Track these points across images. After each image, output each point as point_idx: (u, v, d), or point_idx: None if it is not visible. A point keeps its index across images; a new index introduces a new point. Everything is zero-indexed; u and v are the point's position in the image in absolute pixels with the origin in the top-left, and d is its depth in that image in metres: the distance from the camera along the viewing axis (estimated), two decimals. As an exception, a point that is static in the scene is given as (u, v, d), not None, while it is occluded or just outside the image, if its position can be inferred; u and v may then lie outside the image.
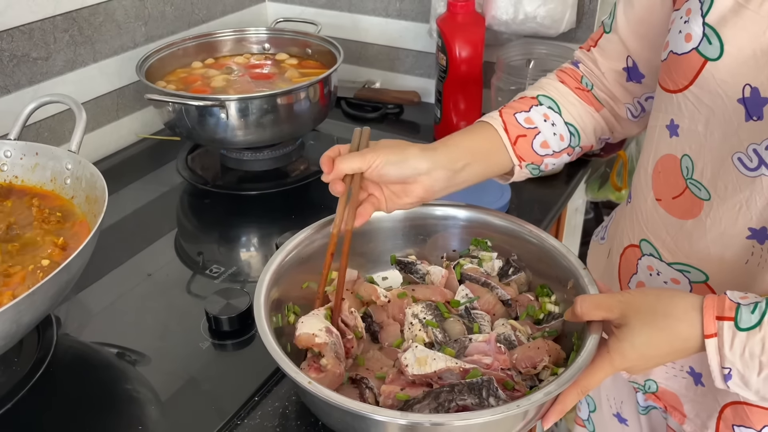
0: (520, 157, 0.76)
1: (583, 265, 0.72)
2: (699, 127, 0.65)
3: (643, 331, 0.58)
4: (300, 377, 0.58)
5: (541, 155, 0.77)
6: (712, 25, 0.60)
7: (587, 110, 0.79)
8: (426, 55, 1.41)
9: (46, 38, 1.10)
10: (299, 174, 1.18)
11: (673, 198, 0.69)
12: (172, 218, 1.09)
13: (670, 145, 0.69)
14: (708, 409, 0.72)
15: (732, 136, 0.61)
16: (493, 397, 0.61)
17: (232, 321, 0.80)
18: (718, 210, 0.65)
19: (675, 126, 0.67)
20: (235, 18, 1.45)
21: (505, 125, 0.76)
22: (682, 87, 0.65)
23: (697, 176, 0.66)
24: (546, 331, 0.73)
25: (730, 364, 0.55)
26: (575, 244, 1.57)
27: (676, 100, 0.66)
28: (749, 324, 0.54)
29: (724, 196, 0.64)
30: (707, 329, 0.56)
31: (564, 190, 1.14)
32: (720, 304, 0.56)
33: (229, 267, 0.95)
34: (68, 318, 0.86)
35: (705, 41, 0.60)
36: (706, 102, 0.63)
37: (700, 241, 0.67)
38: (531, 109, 0.77)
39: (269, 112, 1.04)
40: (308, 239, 0.76)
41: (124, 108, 1.26)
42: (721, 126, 0.62)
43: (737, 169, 0.62)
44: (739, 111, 0.60)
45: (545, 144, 0.77)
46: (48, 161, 0.85)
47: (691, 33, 0.62)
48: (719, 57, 0.60)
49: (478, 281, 0.77)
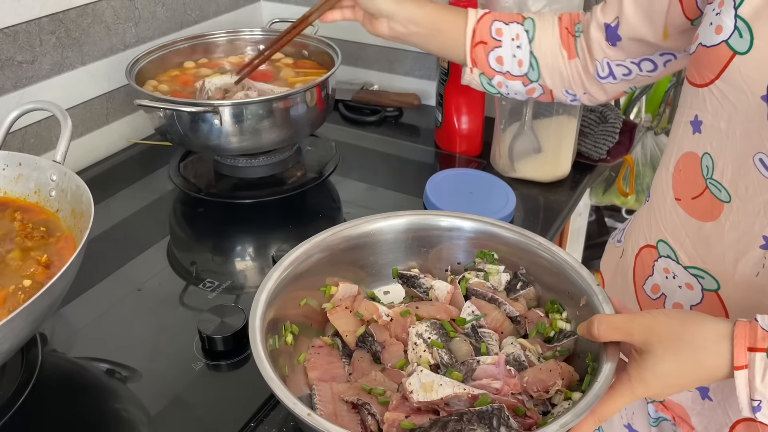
0: (473, 60, 0.83)
1: (597, 281, 0.68)
2: (721, 124, 0.62)
3: (667, 360, 0.55)
4: (299, 410, 0.54)
5: (494, 69, 0.83)
6: (745, 17, 0.58)
7: (560, 52, 0.82)
8: (426, 57, 1.37)
9: (32, 41, 1.05)
10: (296, 181, 1.14)
11: (692, 198, 0.67)
12: (164, 227, 1.05)
13: (693, 142, 0.66)
14: (718, 423, 0.69)
15: (754, 135, 0.59)
16: (504, 427, 0.57)
17: (227, 341, 0.76)
18: (738, 213, 0.62)
19: (698, 122, 0.65)
20: (228, 18, 1.41)
21: (477, 26, 0.82)
22: (709, 81, 0.63)
23: (717, 176, 0.63)
24: (557, 350, 0.69)
25: (761, 396, 0.52)
26: (578, 248, 1.54)
27: (701, 94, 0.64)
28: None
29: (744, 199, 0.61)
30: (738, 361, 0.52)
31: (570, 196, 1.11)
32: (752, 334, 0.53)
33: (224, 280, 0.91)
34: (54, 334, 0.82)
35: (736, 34, 0.59)
36: (731, 98, 0.61)
37: (717, 245, 0.65)
38: (510, 23, 0.82)
39: (265, 117, 1.00)
40: (306, 253, 0.72)
41: (114, 112, 1.22)
42: (743, 124, 0.60)
43: (758, 171, 0.59)
44: (762, 109, 0.58)
45: (500, 60, 0.82)
46: (32, 172, 0.81)
47: (722, 25, 0.60)
48: (748, 50, 0.58)
49: (485, 297, 0.74)
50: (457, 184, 1.05)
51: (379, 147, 1.28)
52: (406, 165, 1.22)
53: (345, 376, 0.68)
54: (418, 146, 1.27)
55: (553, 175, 1.12)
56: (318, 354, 0.70)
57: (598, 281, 0.68)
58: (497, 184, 1.06)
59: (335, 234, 0.74)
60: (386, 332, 0.70)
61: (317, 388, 0.64)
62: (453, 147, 1.21)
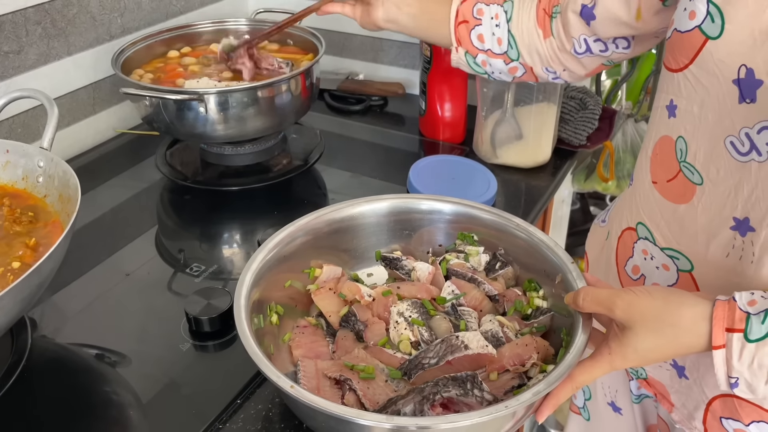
0: (458, 39, 0.87)
1: (572, 260, 0.71)
2: (694, 108, 0.64)
3: (648, 338, 0.57)
4: (282, 382, 0.56)
5: (477, 47, 0.87)
6: (716, 2, 0.59)
7: (536, 31, 0.85)
8: (410, 46, 1.38)
9: (18, 31, 1.06)
10: (282, 168, 1.15)
11: (667, 181, 0.69)
12: (152, 215, 1.07)
13: (668, 126, 0.68)
14: (694, 400, 0.71)
15: (725, 119, 0.61)
16: (477, 389, 0.60)
17: (213, 322, 0.78)
18: (710, 196, 0.64)
19: (674, 107, 0.67)
20: (214, 9, 1.42)
21: (460, 7, 0.86)
22: (683, 66, 0.64)
23: (690, 159, 0.65)
24: (534, 326, 0.71)
25: (738, 373, 0.54)
26: (562, 236, 1.57)
27: (676, 79, 0.66)
28: (759, 335, 0.53)
29: (715, 181, 0.63)
30: (716, 340, 0.54)
31: (551, 181, 1.13)
32: (730, 315, 0.55)
33: (211, 265, 0.93)
34: (44, 320, 0.84)
35: (708, 19, 0.60)
36: (703, 82, 0.62)
37: (690, 227, 0.66)
38: (490, 4, 0.86)
39: (250, 105, 1.02)
40: (290, 236, 0.74)
41: (100, 102, 1.23)
42: (715, 107, 0.62)
43: (729, 154, 0.61)
44: (733, 92, 0.59)
45: (481, 38, 0.86)
46: (19, 159, 0.82)
47: (695, 11, 0.61)
48: (720, 35, 0.59)
49: (465, 277, 0.76)
50: (440, 170, 1.07)
51: (364, 135, 1.29)
52: (390, 153, 1.24)
53: (329, 354, 0.70)
54: (403, 134, 1.29)
55: (534, 160, 1.14)
56: (303, 333, 0.72)
57: (572, 259, 0.71)
58: (479, 170, 1.08)
59: (319, 217, 0.76)
60: (368, 312, 0.72)
61: (302, 364, 0.66)
62: (437, 135, 1.23)
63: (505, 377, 0.65)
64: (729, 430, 0.68)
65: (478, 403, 0.60)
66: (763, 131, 0.58)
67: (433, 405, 0.60)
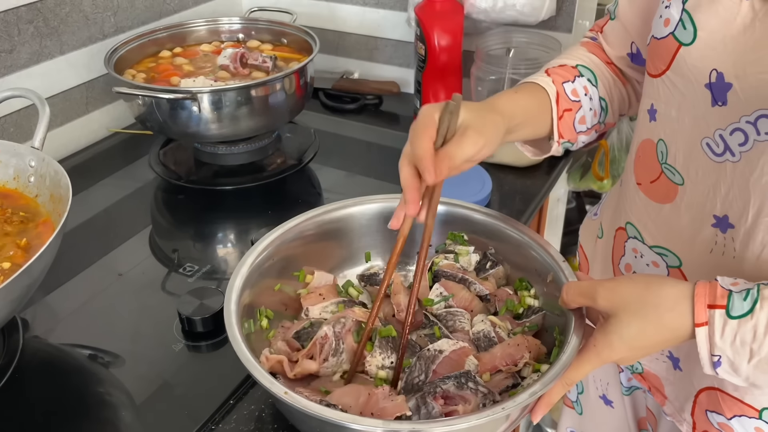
0: (560, 133, 0.75)
1: (563, 258, 0.71)
2: (672, 112, 0.66)
3: (632, 323, 0.57)
4: (276, 388, 0.56)
5: (577, 131, 0.77)
6: (689, 10, 0.61)
7: (617, 84, 0.79)
8: (405, 45, 1.38)
9: (10, 30, 1.06)
10: (276, 168, 1.15)
11: (651, 182, 0.70)
12: (145, 215, 1.06)
13: (649, 129, 0.70)
14: (685, 392, 0.72)
15: (701, 121, 0.62)
16: (472, 382, 0.60)
17: (206, 322, 0.78)
18: (691, 195, 0.65)
19: (654, 111, 0.68)
20: (208, 8, 1.42)
21: (558, 96, 0.74)
22: (661, 72, 0.66)
23: (671, 161, 0.67)
24: (526, 326, 0.71)
25: (720, 351, 0.54)
26: (557, 235, 1.57)
27: (655, 84, 0.67)
28: (741, 312, 0.53)
29: (695, 181, 0.65)
30: (698, 318, 0.55)
31: (545, 180, 1.13)
32: (711, 292, 0.55)
33: (204, 265, 0.92)
34: (36, 320, 0.84)
35: (680, 26, 0.62)
36: (679, 87, 0.64)
37: (675, 225, 0.68)
38: (575, 79, 0.76)
39: (243, 104, 1.02)
40: (280, 239, 0.73)
41: (93, 101, 1.23)
42: (690, 111, 0.63)
43: (706, 155, 0.63)
44: (706, 96, 0.61)
45: (583, 120, 0.76)
46: (10, 158, 0.81)
47: (669, 18, 0.63)
48: (692, 42, 0.61)
49: (455, 278, 0.76)
50: (434, 170, 1.07)
51: (359, 134, 1.29)
52: (385, 152, 1.24)
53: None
54: (398, 133, 1.28)
55: (529, 159, 1.13)
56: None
57: (563, 258, 0.71)
58: (474, 169, 1.06)
59: (309, 219, 0.76)
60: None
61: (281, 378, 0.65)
62: (431, 133, 1.22)
63: (498, 377, 0.65)
64: (714, 424, 0.69)
65: (473, 395, 0.60)
66: (735, 132, 0.59)
67: (435, 397, 0.60)
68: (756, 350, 0.53)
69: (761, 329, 0.52)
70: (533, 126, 0.74)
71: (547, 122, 0.75)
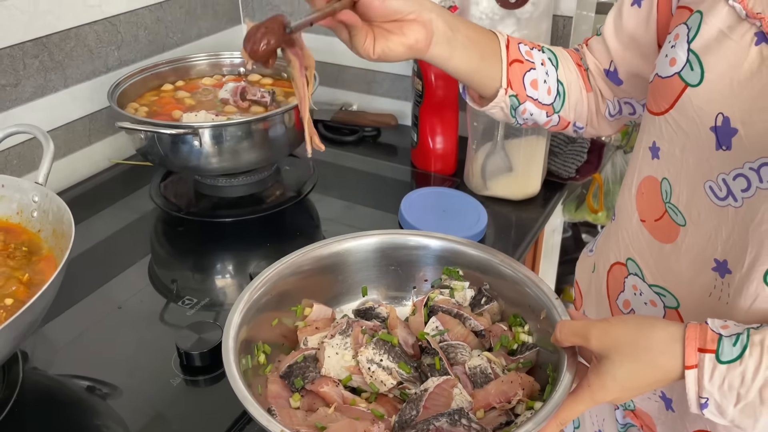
0: (509, 81, 0.74)
1: (556, 296, 0.72)
2: (677, 152, 0.65)
3: (624, 365, 0.58)
4: (273, 426, 0.57)
5: (527, 93, 0.76)
6: (696, 51, 0.61)
7: (580, 84, 0.80)
8: (402, 78, 1.41)
9: (15, 65, 1.08)
10: (275, 200, 1.17)
11: (655, 220, 0.70)
12: (145, 246, 1.08)
13: (652, 166, 0.69)
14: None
15: (704, 164, 0.62)
16: (465, 419, 0.61)
17: (204, 356, 0.79)
18: (692, 237, 0.65)
19: (656, 148, 0.68)
20: (210, 41, 1.45)
21: (509, 44, 0.75)
22: (664, 110, 0.66)
23: (675, 200, 0.66)
24: (521, 362, 0.72)
25: (708, 394, 0.55)
26: (553, 265, 1.58)
27: (658, 122, 0.67)
28: (730, 357, 0.54)
29: (697, 223, 0.64)
30: (688, 360, 0.55)
31: (541, 213, 1.15)
32: (702, 336, 0.56)
33: (203, 297, 0.94)
34: (35, 351, 0.84)
35: (688, 67, 0.61)
36: (684, 127, 0.64)
37: (675, 266, 0.68)
38: (533, 49, 0.77)
39: (244, 138, 1.04)
40: (278, 274, 0.74)
41: (96, 133, 1.25)
42: (695, 152, 0.63)
43: (708, 198, 0.63)
44: (710, 139, 0.61)
45: (535, 84, 0.76)
46: (14, 193, 0.83)
47: (675, 58, 0.63)
48: (699, 83, 0.61)
49: (450, 313, 0.77)
50: (431, 203, 1.09)
51: (358, 166, 1.31)
52: (383, 183, 1.26)
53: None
54: (395, 165, 1.30)
55: (523, 193, 1.16)
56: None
57: (557, 296, 0.72)
58: (469, 203, 1.09)
59: (305, 254, 0.77)
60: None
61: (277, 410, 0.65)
62: (428, 166, 1.24)
63: (492, 414, 0.66)
64: None
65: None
66: (738, 178, 0.59)
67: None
68: (743, 395, 0.54)
69: (749, 375, 0.53)
70: (478, 57, 0.73)
71: (495, 66, 0.74)
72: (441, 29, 0.69)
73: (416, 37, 0.67)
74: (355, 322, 0.73)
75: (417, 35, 0.67)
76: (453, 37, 0.70)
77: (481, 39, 0.74)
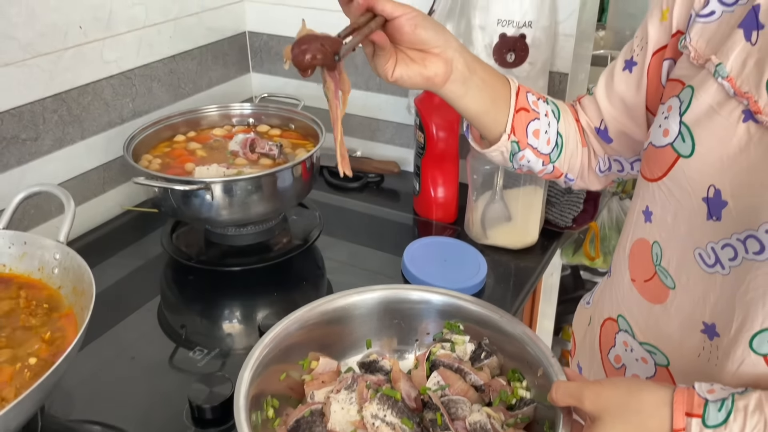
0: (513, 127, 0.77)
1: (552, 354, 0.75)
2: (668, 218, 0.68)
3: (616, 427, 0.60)
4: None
5: (528, 141, 0.79)
6: (688, 124, 0.64)
7: (577, 138, 0.83)
8: (405, 127, 1.46)
9: (36, 120, 1.13)
10: (282, 248, 1.21)
11: (645, 281, 0.73)
12: (155, 292, 1.11)
13: (644, 230, 0.72)
14: None
15: (695, 232, 0.65)
16: None
17: (215, 410, 0.82)
18: (681, 300, 0.68)
19: (649, 213, 0.71)
20: (220, 90, 1.50)
21: (518, 92, 0.78)
22: (657, 177, 0.68)
23: (665, 264, 0.69)
24: (519, 417, 0.75)
25: None
26: (552, 305, 1.61)
27: (651, 188, 0.70)
28: (716, 422, 0.57)
29: (686, 288, 0.67)
30: (676, 424, 0.58)
31: (539, 262, 1.18)
32: (689, 400, 0.58)
33: (213, 347, 0.97)
34: (51, 398, 0.87)
35: (680, 138, 0.64)
36: (676, 195, 0.66)
37: (665, 327, 0.70)
38: (539, 99, 0.80)
39: (254, 192, 1.08)
40: (284, 329, 0.78)
41: (110, 181, 1.29)
42: (686, 220, 0.66)
43: (698, 264, 0.65)
44: (702, 209, 0.64)
45: (537, 133, 0.79)
46: (36, 250, 0.87)
47: (668, 129, 0.66)
48: (690, 155, 0.63)
49: (452, 367, 0.80)
50: (433, 252, 1.13)
51: (363, 210, 1.35)
52: (387, 230, 1.30)
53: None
54: (398, 212, 1.35)
55: (522, 242, 1.20)
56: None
57: (553, 354, 0.75)
58: (470, 252, 1.13)
59: (312, 309, 0.81)
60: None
61: None
62: (430, 214, 1.29)
63: (490, 470, 0.69)
64: None
65: None
66: (726, 248, 0.62)
67: None
68: None
69: None
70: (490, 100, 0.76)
71: (502, 111, 0.77)
72: (460, 69, 0.73)
73: (436, 71, 0.71)
74: (359, 377, 0.76)
75: (437, 69, 0.71)
76: (470, 77, 0.74)
77: (496, 83, 0.77)
